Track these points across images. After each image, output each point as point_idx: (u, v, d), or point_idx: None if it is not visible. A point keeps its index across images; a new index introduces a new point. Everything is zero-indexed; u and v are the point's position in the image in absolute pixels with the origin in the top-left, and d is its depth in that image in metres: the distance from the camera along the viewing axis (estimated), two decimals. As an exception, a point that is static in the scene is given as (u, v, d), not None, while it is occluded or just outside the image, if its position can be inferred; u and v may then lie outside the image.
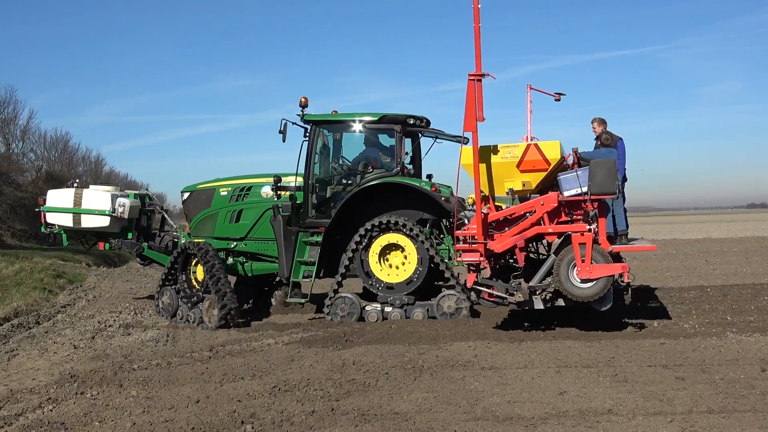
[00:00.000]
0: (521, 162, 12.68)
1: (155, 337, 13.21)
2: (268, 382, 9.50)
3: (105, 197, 17.76)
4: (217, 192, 16.85)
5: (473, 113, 12.36)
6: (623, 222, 13.50)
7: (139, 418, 8.04)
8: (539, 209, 12.41)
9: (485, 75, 12.52)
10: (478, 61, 12.52)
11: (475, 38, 12.53)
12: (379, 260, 14.70)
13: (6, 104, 61.68)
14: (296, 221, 15.41)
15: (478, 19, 12.51)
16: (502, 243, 12.55)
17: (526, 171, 12.77)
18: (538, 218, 12.42)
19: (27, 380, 10.26)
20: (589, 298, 12.08)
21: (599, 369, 9.84)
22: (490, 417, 7.87)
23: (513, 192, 12.95)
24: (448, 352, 11.10)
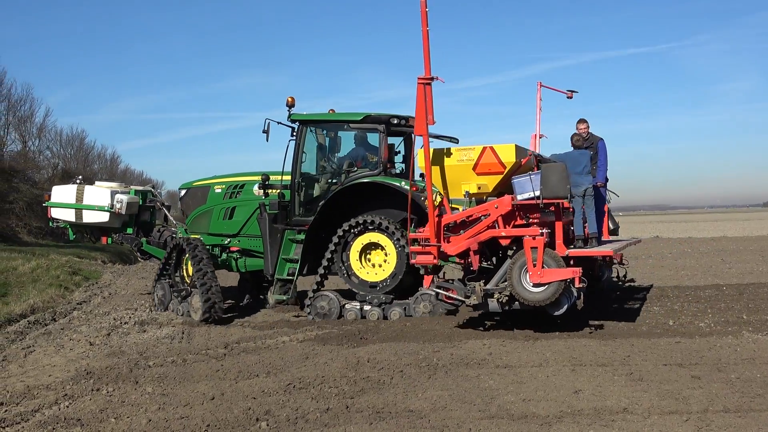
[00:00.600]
0: (477, 165, 12.70)
1: (170, 334, 13.25)
2: (282, 379, 9.51)
3: (105, 193, 18.22)
4: (212, 189, 17.21)
5: (423, 116, 12.44)
6: (594, 225, 13.47)
7: (155, 415, 8.07)
8: (493, 212, 12.38)
9: (434, 78, 12.53)
10: (427, 64, 12.51)
11: (424, 42, 12.49)
12: (360, 259, 14.74)
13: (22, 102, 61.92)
14: (282, 219, 15.55)
15: (426, 22, 12.45)
16: (457, 246, 12.59)
17: (482, 174, 12.79)
18: (493, 221, 12.40)
19: (43, 377, 10.31)
20: (541, 302, 11.96)
21: (614, 368, 9.81)
22: (505, 415, 7.86)
23: (469, 195, 12.97)
24: (462, 350, 11.09)
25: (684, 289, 18.34)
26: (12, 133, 60.96)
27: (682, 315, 14.25)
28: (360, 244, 14.70)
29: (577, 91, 18.43)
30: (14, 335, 13.59)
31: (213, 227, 17.01)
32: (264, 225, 15.67)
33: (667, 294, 17.47)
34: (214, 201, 17.13)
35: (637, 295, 17.25)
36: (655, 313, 14.56)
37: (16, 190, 42.41)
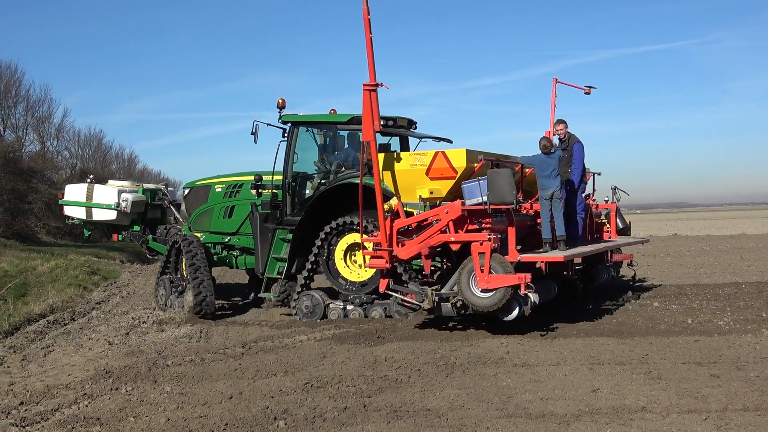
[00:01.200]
0: (429, 169, 12.80)
1: (188, 334, 13.30)
2: (300, 378, 9.54)
3: (112, 192, 18.82)
4: (213, 188, 17.67)
5: (370, 122, 12.59)
6: (562, 228, 13.21)
7: (173, 414, 8.10)
8: (444, 217, 12.37)
9: (379, 85, 12.63)
10: (371, 71, 12.67)
11: (368, 49, 12.60)
12: (345, 259, 14.79)
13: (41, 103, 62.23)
14: (273, 219, 15.69)
15: (369, 29, 12.56)
16: (409, 250, 12.65)
17: (435, 178, 12.91)
18: (444, 226, 12.39)
19: (63, 376, 10.38)
20: (489, 308, 11.87)
21: (633, 366, 9.78)
22: (523, 414, 7.85)
23: (423, 199, 13.04)
24: (480, 349, 11.09)
25: (703, 287, 18.23)
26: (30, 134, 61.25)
27: (701, 313, 14.17)
28: (345, 244, 14.75)
29: (595, 86, 18.33)
30: (34, 335, 13.70)
31: (214, 225, 17.43)
32: (255, 224, 15.91)
33: (686, 292, 17.38)
34: (214, 200, 17.57)
35: (656, 294, 17.17)
36: (673, 311, 14.49)
37: (34, 191, 42.64)
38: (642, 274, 22.71)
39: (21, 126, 59.34)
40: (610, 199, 17.70)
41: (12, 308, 16.63)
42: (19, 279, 21.09)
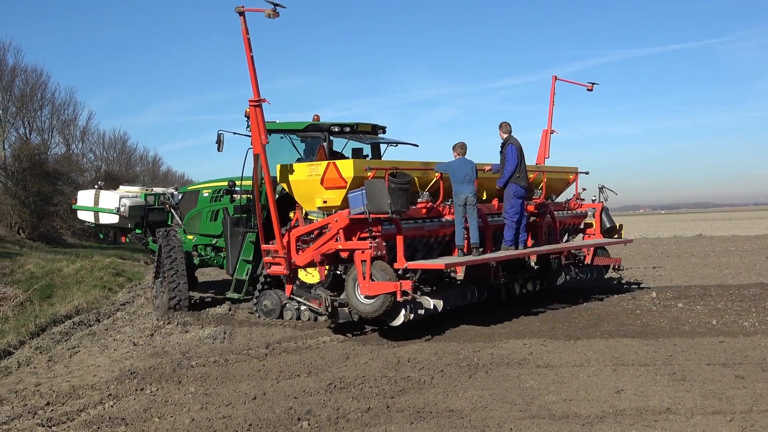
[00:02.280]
0: (323, 179, 12.94)
1: (212, 335, 13.36)
2: (323, 379, 9.57)
3: (114, 197, 20.21)
4: (201, 193, 18.39)
5: (257, 136, 12.97)
6: (476, 235, 13.47)
7: (198, 414, 8.15)
8: (334, 226, 12.61)
9: (263, 101, 13.07)
10: (254, 88, 13.06)
11: (249, 67, 13.01)
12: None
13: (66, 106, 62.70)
14: (243, 222, 16.14)
15: (249, 49, 12.95)
16: (304, 257, 13.04)
17: (329, 188, 13.04)
18: (334, 234, 12.61)
19: (88, 376, 10.46)
20: (371, 314, 12.07)
21: (657, 367, 9.73)
22: (546, 415, 7.84)
23: (320, 208, 13.29)
24: (503, 350, 11.08)
25: (727, 288, 18.11)
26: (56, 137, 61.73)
27: (726, 314, 14.07)
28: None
29: (597, 83, 18.31)
30: (60, 336, 13.80)
31: (202, 228, 18.05)
32: (227, 227, 16.36)
33: (711, 293, 17.26)
34: (203, 204, 18.21)
35: (680, 294, 17.07)
36: (698, 312, 14.41)
37: (60, 193, 43.02)
38: (667, 274, 22.60)
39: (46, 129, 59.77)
40: (597, 198, 17.63)
41: (38, 309, 16.77)
42: (45, 280, 21.29)
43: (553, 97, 18.32)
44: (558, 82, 18.62)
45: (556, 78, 18.36)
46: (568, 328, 12.97)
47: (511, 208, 14.20)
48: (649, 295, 16.83)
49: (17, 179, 43.41)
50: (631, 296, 16.95)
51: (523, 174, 14.19)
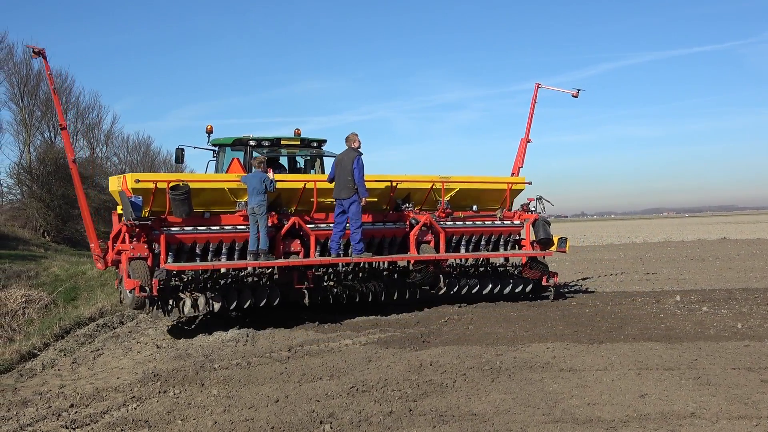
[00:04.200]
0: (123, 189, 13.81)
1: (235, 337, 13.39)
2: (346, 382, 9.56)
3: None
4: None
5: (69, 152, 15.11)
6: (265, 242, 14.17)
7: (220, 417, 8.17)
8: (123, 229, 13.80)
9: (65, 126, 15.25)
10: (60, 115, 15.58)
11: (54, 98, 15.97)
12: None
13: (90, 110, 63.23)
14: None
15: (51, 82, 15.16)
16: (110, 255, 14.36)
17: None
18: (122, 236, 13.86)
19: (112, 379, 10.53)
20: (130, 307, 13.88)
21: (681, 371, 9.65)
22: (569, 419, 7.79)
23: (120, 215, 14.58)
24: (525, 354, 11.02)
25: (753, 292, 17.97)
26: (80, 140, 62.31)
27: (751, 318, 13.95)
28: None
29: (583, 89, 18.21)
30: (83, 338, 13.92)
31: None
32: None
33: (735, 296, 17.14)
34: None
35: (705, 298, 16.96)
36: (722, 315, 14.30)
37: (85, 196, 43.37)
38: (691, 278, 22.46)
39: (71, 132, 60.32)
40: (535, 209, 17.59)
41: (62, 312, 16.93)
42: (69, 283, 21.49)
43: (534, 105, 18.23)
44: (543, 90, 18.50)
45: (539, 85, 18.24)
46: (592, 331, 12.90)
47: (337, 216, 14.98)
48: (673, 299, 16.74)
49: (42, 183, 43.86)
50: (655, 300, 16.86)
51: (336, 185, 14.82)
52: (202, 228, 14.29)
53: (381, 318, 15.42)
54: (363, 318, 15.40)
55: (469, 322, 14.21)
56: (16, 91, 50.20)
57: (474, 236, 17.02)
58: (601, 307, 16.11)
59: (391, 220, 16.23)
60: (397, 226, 16.20)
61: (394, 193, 16.07)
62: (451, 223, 16.66)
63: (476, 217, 17.12)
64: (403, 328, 13.93)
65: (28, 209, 44.52)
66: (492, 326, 13.62)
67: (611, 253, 38.01)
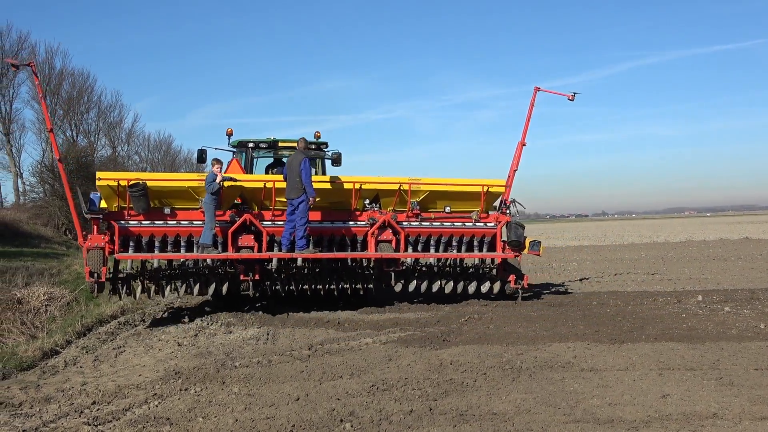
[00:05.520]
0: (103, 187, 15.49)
1: (256, 336, 13.43)
2: (366, 380, 9.56)
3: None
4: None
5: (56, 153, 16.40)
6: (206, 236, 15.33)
7: (241, 415, 8.19)
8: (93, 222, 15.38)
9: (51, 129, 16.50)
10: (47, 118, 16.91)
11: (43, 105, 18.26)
12: None
13: (112, 109, 63.56)
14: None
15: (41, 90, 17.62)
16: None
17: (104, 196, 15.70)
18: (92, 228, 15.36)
19: (133, 376, 10.56)
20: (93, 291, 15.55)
21: (703, 372, 9.60)
22: (591, 419, 7.76)
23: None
24: (546, 353, 10.99)
25: (776, 292, 17.83)
26: (102, 139, 62.63)
27: (774, 318, 13.85)
28: None
29: (579, 92, 18.12)
30: (105, 336, 13.97)
31: None
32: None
33: (758, 296, 17.02)
34: None
35: (727, 298, 16.85)
36: (745, 316, 14.20)
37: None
38: (713, 278, 22.31)
39: (93, 131, 60.69)
40: (509, 212, 17.58)
41: (84, 309, 17.00)
42: (91, 281, 21.53)
43: (532, 108, 18.18)
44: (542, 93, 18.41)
45: (537, 89, 18.19)
46: (613, 331, 12.85)
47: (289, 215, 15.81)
48: (695, 299, 16.65)
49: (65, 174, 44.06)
50: (677, 300, 16.78)
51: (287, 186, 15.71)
52: (159, 222, 15.60)
53: (401, 317, 15.45)
54: (383, 317, 15.46)
55: (490, 322, 14.19)
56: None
57: (443, 237, 17.26)
58: (622, 306, 16.05)
59: (353, 219, 16.86)
60: (358, 225, 16.77)
61: (361, 194, 16.64)
62: (416, 223, 17.03)
63: (446, 218, 17.36)
64: (423, 327, 13.92)
65: (51, 207, 44.83)
66: (512, 326, 13.59)
67: (632, 253, 37.84)
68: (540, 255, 17.96)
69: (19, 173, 54.13)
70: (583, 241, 56.14)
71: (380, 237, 16.47)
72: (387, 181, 16.96)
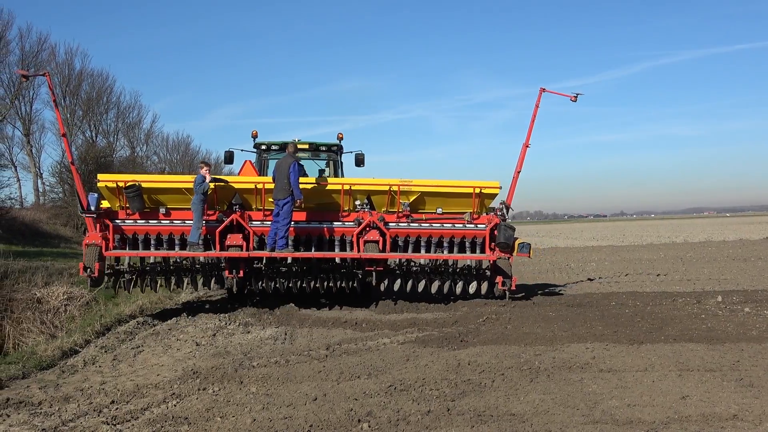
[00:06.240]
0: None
1: (274, 335, 13.45)
2: (384, 381, 9.55)
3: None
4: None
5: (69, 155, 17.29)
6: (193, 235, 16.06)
7: (259, 415, 8.20)
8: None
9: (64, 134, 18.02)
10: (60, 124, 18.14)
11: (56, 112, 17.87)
12: None
13: (131, 109, 63.85)
14: None
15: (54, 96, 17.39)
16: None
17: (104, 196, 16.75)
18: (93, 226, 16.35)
19: (152, 376, 10.60)
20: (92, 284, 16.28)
21: (723, 373, 9.54)
22: (609, 420, 7.72)
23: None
24: (565, 354, 10.95)
25: (796, 293, 17.70)
26: (121, 139, 62.92)
27: (795, 319, 13.75)
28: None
29: (582, 93, 18.05)
30: (124, 335, 14.03)
31: None
32: None
33: (779, 297, 16.89)
34: None
35: (747, 299, 16.74)
36: (765, 317, 14.10)
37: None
38: (732, 278, 22.19)
39: (112, 132, 60.97)
40: (501, 214, 17.58)
41: (103, 309, 17.08)
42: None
43: (536, 109, 18.10)
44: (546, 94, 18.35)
45: (543, 90, 18.12)
46: (632, 332, 12.78)
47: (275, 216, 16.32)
48: (714, 300, 16.55)
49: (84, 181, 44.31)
50: (696, 300, 16.68)
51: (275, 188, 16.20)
52: (153, 222, 16.55)
53: (418, 317, 15.45)
54: (400, 317, 15.47)
55: (507, 322, 14.15)
56: (59, 91, 50.86)
57: (433, 237, 17.41)
58: (641, 307, 15.97)
59: (342, 220, 17.26)
60: (346, 225, 17.17)
61: (353, 195, 17.08)
62: (405, 224, 17.23)
63: (437, 219, 17.48)
64: (440, 327, 13.91)
65: (70, 207, 45.09)
66: (530, 326, 13.55)
67: (651, 253, 37.68)
68: (530, 257, 18.08)
69: (39, 173, 54.47)
70: (602, 242, 55.99)
71: (366, 237, 16.76)
72: (377, 182, 17.29)
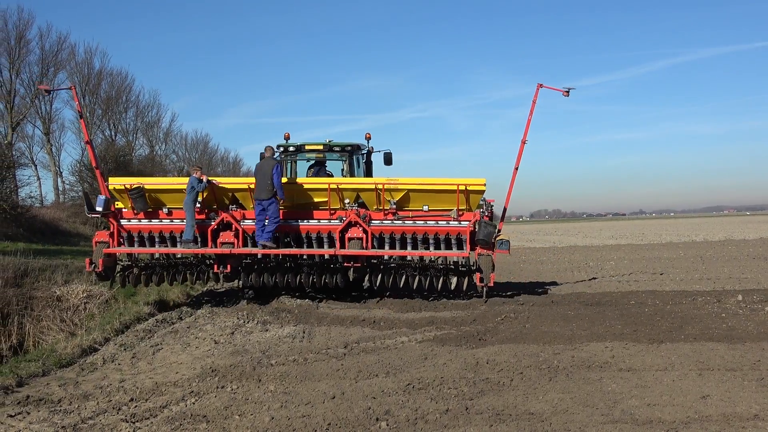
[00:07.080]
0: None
1: (292, 334, 13.47)
2: (402, 379, 9.54)
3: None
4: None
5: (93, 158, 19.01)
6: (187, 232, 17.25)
7: (277, 413, 8.20)
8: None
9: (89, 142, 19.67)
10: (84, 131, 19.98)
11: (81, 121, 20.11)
12: None
13: (150, 108, 64.10)
14: None
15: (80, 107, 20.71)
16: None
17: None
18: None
19: (171, 374, 10.64)
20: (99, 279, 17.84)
21: (744, 372, 9.46)
22: (629, 420, 7.68)
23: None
24: (584, 353, 10.90)
25: (818, 292, 17.55)
26: (140, 138, 63.19)
27: (817, 318, 13.63)
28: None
29: (573, 87, 17.99)
30: (143, 333, 14.08)
31: None
32: None
33: (800, 296, 16.75)
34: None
35: (767, 298, 16.60)
36: (786, 316, 13.99)
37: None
38: (753, 277, 22.04)
39: (131, 130, 61.24)
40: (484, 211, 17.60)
41: (122, 307, 17.15)
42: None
43: (533, 106, 18.04)
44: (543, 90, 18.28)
45: (540, 86, 18.05)
46: (651, 331, 12.71)
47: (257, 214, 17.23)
48: (735, 299, 16.43)
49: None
50: (716, 299, 16.57)
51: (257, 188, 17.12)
52: (154, 221, 17.89)
53: (437, 315, 15.43)
54: (419, 315, 15.47)
55: (526, 321, 14.11)
56: (78, 90, 51.13)
57: (417, 234, 17.64)
58: (661, 306, 15.88)
59: (329, 218, 17.80)
60: (332, 223, 17.75)
61: (342, 194, 17.62)
62: (389, 221, 17.65)
63: (422, 217, 17.72)
64: (459, 326, 13.88)
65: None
66: (549, 325, 13.50)
67: (670, 252, 37.49)
68: (509, 254, 18.23)
69: (59, 172, 54.77)
70: (621, 240, 55.75)
71: (349, 234, 17.33)
72: (364, 181, 18.18)
